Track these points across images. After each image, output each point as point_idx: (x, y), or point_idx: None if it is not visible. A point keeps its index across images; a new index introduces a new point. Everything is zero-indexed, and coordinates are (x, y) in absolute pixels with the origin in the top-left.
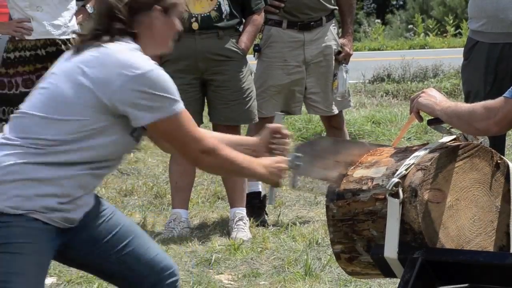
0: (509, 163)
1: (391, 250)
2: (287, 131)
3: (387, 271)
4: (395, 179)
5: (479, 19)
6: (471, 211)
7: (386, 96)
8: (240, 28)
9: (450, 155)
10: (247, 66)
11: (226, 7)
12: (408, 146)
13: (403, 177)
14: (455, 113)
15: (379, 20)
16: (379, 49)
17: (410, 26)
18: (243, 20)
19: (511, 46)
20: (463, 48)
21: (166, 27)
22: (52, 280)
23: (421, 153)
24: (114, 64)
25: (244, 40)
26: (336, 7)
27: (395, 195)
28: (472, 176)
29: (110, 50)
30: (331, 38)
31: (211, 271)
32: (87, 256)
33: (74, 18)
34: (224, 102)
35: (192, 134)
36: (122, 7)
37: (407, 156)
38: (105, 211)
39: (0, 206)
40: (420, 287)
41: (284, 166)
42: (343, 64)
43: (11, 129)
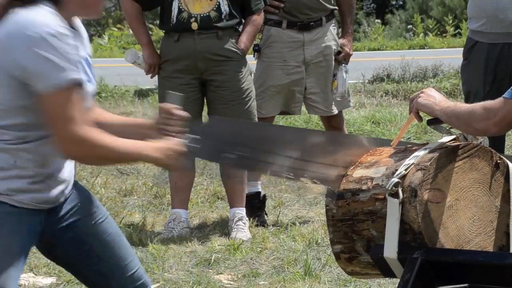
0: (508, 163)
1: (390, 250)
2: (181, 112)
3: (387, 271)
4: (395, 179)
5: (479, 19)
6: (471, 211)
7: (385, 96)
8: (240, 28)
9: (449, 155)
10: (246, 66)
11: (225, 7)
12: (408, 146)
13: (403, 177)
14: (455, 113)
15: (379, 20)
16: (378, 49)
17: (410, 26)
18: (243, 20)
19: (511, 46)
20: (462, 48)
21: None
22: (52, 280)
23: (420, 153)
24: (15, 27)
25: (243, 40)
26: (336, 7)
27: (395, 195)
28: (471, 176)
29: (16, 15)
30: (330, 38)
31: (211, 271)
32: (70, 257)
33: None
34: (223, 102)
35: (65, 115)
36: None
37: (407, 156)
38: (96, 213)
39: None
40: (420, 287)
41: (178, 149)
42: (343, 64)
43: None
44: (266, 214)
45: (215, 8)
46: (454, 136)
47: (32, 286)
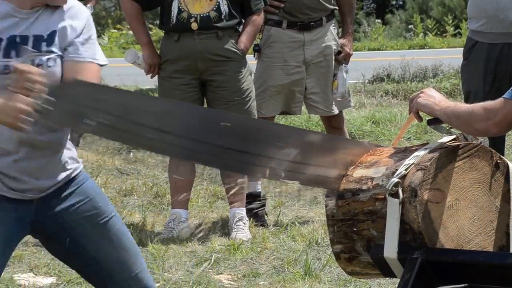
0: (508, 163)
1: (390, 250)
2: (37, 71)
3: (387, 271)
4: (395, 179)
5: (479, 19)
6: (471, 211)
7: (385, 96)
8: (240, 28)
9: (449, 155)
10: (246, 67)
11: (225, 8)
12: (408, 146)
13: (403, 177)
14: (455, 113)
15: (379, 20)
16: (378, 49)
17: (410, 26)
18: (243, 20)
19: (511, 46)
20: (462, 48)
21: None
22: (52, 280)
23: (420, 153)
24: None
25: (243, 40)
26: (336, 7)
27: (395, 195)
28: (471, 176)
29: None
30: (331, 38)
31: (211, 271)
32: (67, 255)
33: None
34: (223, 103)
35: None
36: None
37: (407, 156)
38: (98, 213)
39: None
40: (420, 287)
41: (24, 108)
42: (343, 64)
43: None
44: (266, 214)
45: (215, 8)
46: (454, 136)
47: (32, 286)
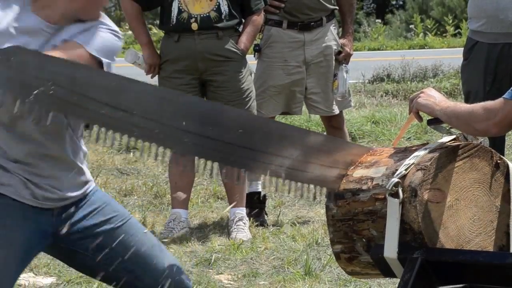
0: (508, 163)
1: (391, 250)
2: None
3: (387, 271)
4: (395, 179)
5: (479, 19)
6: (471, 211)
7: (385, 96)
8: (240, 28)
9: (450, 155)
10: (246, 67)
11: (225, 8)
12: (408, 146)
13: (403, 177)
14: (455, 113)
15: (379, 20)
16: (379, 49)
17: (411, 26)
18: (243, 20)
19: (511, 46)
20: (462, 48)
21: None
22: (52, 280)
23: (421, 153)
24: None
25: (243, 40)
26: (336, 7)
27: (395, 195)
28: (472, 176)
29: None
30: (331, 38)
31: (211, 271)
32: (89, 261)
33: None
34: (223, 103)
35: None
36: None
37: (407, 156)
38: (115, 218)
39: None
40: (420, 287)
41: None
42: (344, 64)
43: None
44: (266, 214)
45: (215, 9)
46: (454, 136)
47: (32, 286)
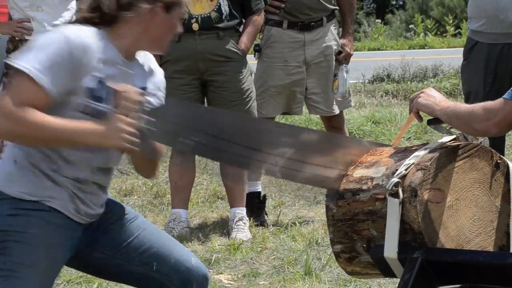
0: (509, 163)
1: (391, 250)
2: (131, 88)
3: (387, 271)
4: (395, 179)
5: (479, 19)
6: (471, 211)
7: (385, 96)
8: (240, 28)
9: (450, 155)
10: (247, 67)
11: (226, 8)
12: (408, 146)
13: (403, 177)
14: (455, 113)
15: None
16: (379, 49)
17: (411, 26)
18: (243, 20)
19: (511, 46)
20: (462, 48)
21: (164, 26)
22: None
23: (421, 153)
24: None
25: (244, 40)
26: (337, 7)
27: (395, 195)
28: (472, 176)
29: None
30: (331, 38)
31: (211, 271)
32: (108, 261)
33: (74, 18)
34: (224, 103)
35: (8, 92)
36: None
37: (407, 156)
38: (127, 216)
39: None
40: (420, 287)
41: (128, 129)
42: (344, 64)
43: None
44: (266, 214)
45: (215, 9)
46: (454, 136)
47: None
